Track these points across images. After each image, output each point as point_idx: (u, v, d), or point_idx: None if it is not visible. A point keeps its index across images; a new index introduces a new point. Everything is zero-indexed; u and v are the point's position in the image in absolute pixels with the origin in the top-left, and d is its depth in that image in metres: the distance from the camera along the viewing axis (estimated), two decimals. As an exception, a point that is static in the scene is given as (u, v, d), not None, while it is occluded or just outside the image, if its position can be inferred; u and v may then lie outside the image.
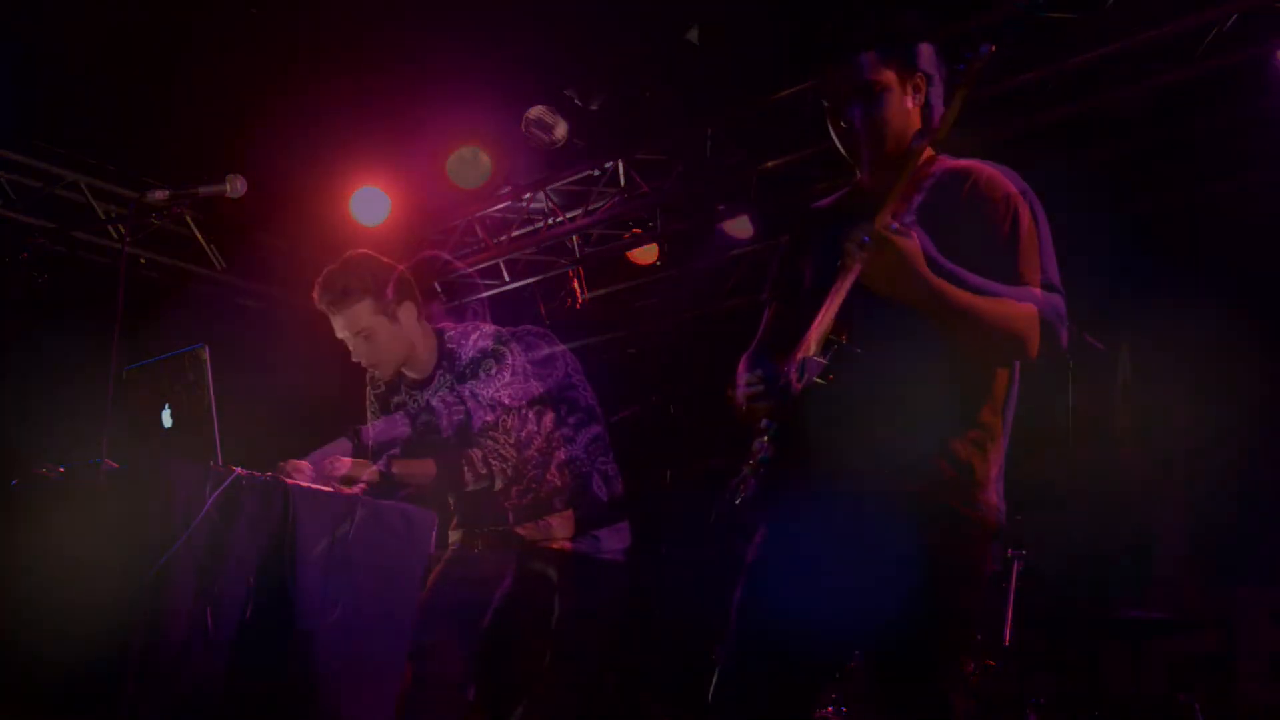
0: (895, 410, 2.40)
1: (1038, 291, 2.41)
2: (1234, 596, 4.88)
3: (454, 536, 3.82)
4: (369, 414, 3.90)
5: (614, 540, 3.68)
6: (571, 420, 3.71)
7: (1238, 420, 4.83)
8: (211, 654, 2.89)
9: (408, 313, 3.65)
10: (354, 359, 3.69)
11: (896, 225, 2.30)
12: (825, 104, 2.61)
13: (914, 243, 2.30)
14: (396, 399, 3.82)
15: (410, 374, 3.77)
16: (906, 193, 2.36)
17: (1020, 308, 2.38)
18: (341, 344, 3.70)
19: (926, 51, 2.55)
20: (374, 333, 3.60)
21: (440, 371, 3.71)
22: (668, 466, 6.08)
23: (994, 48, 2.36)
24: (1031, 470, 4.63)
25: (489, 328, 3.72)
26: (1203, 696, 4.46)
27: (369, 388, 3.91)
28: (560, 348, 3.74)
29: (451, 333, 3.74)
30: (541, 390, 3.64)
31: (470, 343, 3.69)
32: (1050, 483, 4.63)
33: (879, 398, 2.40)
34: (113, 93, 5.78)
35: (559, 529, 3.65)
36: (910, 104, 2.54)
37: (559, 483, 3.67)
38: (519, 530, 3.68)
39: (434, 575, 3.70)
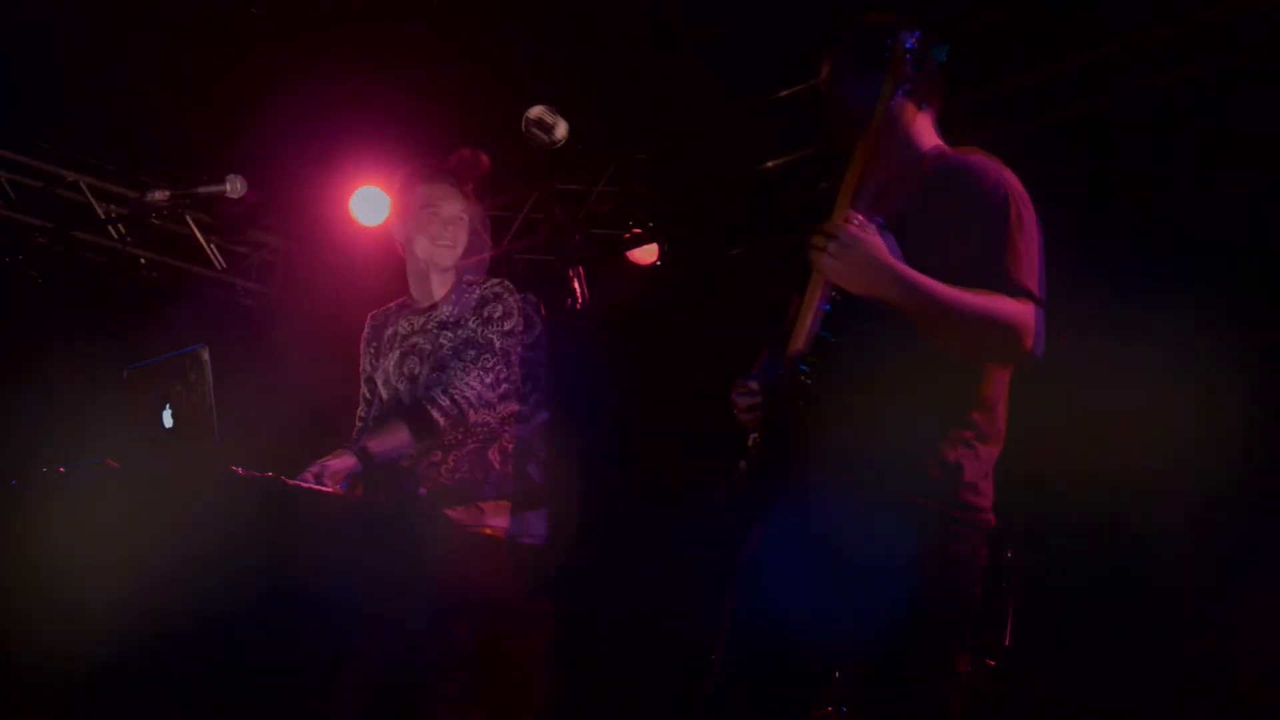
0: (880, 410, 2.38)
1: (1032, 291, 2.39)
2: (1234, 598, 4.87)
3: None
4: (363, 358, 3.84)
5: (538, 525, 3.59)
6: (533, 399, 3.62)
7: (1239, 420, 4.83)
8: (211, 654, 2.89)
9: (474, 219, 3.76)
10: (439, 238, 3.69)
11: (859, 219, 2.29)
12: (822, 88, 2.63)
13: (877, 238, 2.27)
14: (389, 331, 3.77)
15: (418, 298, 3.74)
16: (853, 185, 2.35)
17: (1012, 304, 2.33)
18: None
19: (901, 40, 2.54)
20: (464, 223, 3.70)
21: (447, 303, 3.67)
22: (667, 465, 6.09)
23: (918, 35, 2.37)
24: (1031, 470, 4.65)
25: (511, 294, 3.70)
26: (1203, 697, 4.46)
27: (368, 329, 3.85)
28: (546, 323, 3.69)
29: (469, 275, 3.74)
30: (524, 374, 3.60)
31: (488, 285, 3.66)
32: (1050, 483, 4.63)
33: (863, 397, 2.38)
34: (113, 93, 5.78)
35: (491, 514, 3.54)
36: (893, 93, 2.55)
37: (498, 465, 3.56)
38: (448, 512, 3.53)
39: None
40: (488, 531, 3.52)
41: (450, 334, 3.62)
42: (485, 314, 3.58)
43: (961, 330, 2.32)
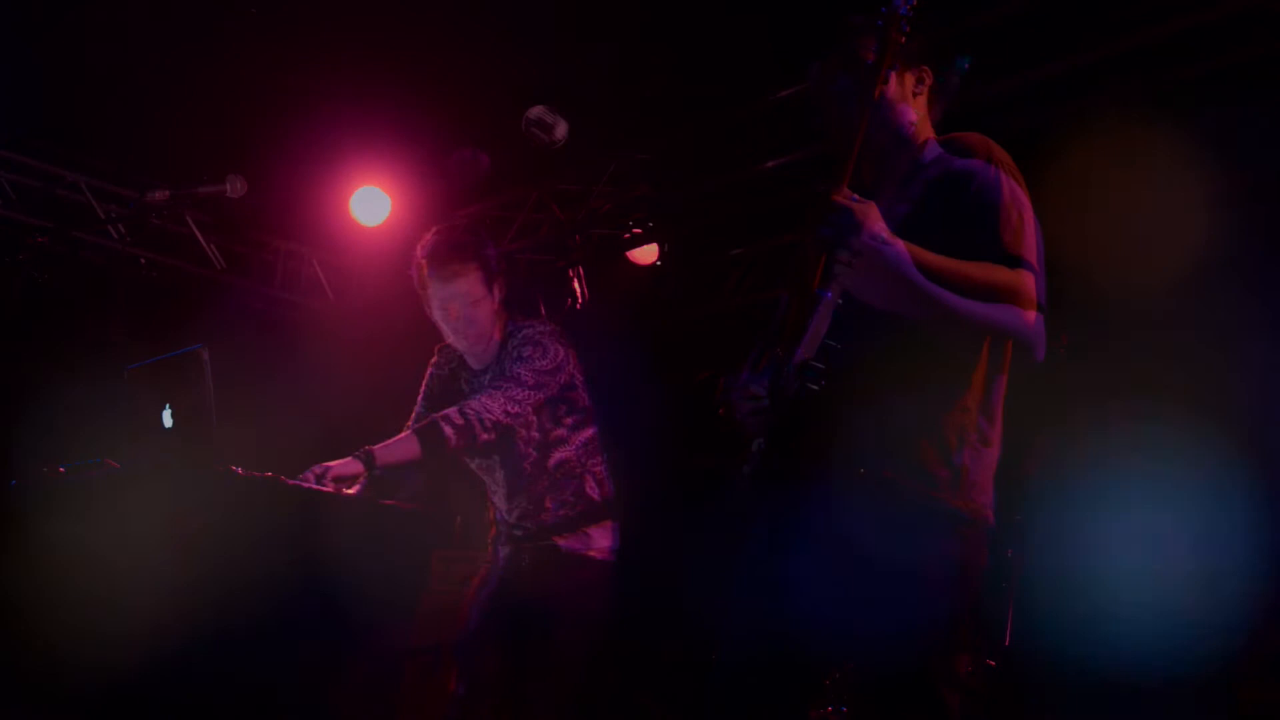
0: (885, 411, 2.38)
1: (1031, 263, 2.39)
2: (1234, 596, 4.87)
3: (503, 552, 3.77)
4: (423, 390, 3.87)
5: (602, 539, 3.67)
6: (569, 421, 3.69)
7: (1238, 419, 4.83)
8: (211, 654, 2.89)
9: (499, 292, 3.69)
10: (448, 327, 3.67)
11: (856, 197, 2.28)
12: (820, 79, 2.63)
13: (874, 210, 2.27)
14: (450, 370, 3.84)
15: (472, 361, 3.77)
16: (851, 163, 2.35)
17: (1009, 272, 2.33)
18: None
19: (895, 6, 2.52)
20: (479, 302, 3.63)
21: (494, 362, 3.71)
22: (667, 465, 6.08)
23: (913, 1, 2.36)
24: (1030, 470, 4.65)
25: (540, 326, 3.71)
26: (1201, 696, 4.45)
27: (433, 366, 3.88)
28: (568, 348, 3.73)
29: (512, 325, 3.74)
30: (544, 398, 3.63)
31: (529, 331, 3.68)
32: (1049, 483, 4.63)
33: (868, 399, 2.38)
34: (113, 93, 5.78)
35: (597, 538, 3.66)
36: (901, 91, 2.55)
37: (598, 496, 3.68)
38: (557, 540, 3.65)
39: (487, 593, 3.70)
40: (593, 554, 3.65)
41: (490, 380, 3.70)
42: (517, 353, 3.63)
43: (962, 303, 2.31)
